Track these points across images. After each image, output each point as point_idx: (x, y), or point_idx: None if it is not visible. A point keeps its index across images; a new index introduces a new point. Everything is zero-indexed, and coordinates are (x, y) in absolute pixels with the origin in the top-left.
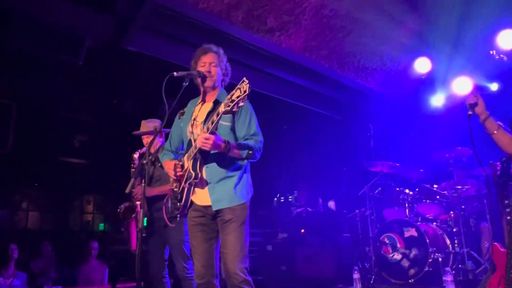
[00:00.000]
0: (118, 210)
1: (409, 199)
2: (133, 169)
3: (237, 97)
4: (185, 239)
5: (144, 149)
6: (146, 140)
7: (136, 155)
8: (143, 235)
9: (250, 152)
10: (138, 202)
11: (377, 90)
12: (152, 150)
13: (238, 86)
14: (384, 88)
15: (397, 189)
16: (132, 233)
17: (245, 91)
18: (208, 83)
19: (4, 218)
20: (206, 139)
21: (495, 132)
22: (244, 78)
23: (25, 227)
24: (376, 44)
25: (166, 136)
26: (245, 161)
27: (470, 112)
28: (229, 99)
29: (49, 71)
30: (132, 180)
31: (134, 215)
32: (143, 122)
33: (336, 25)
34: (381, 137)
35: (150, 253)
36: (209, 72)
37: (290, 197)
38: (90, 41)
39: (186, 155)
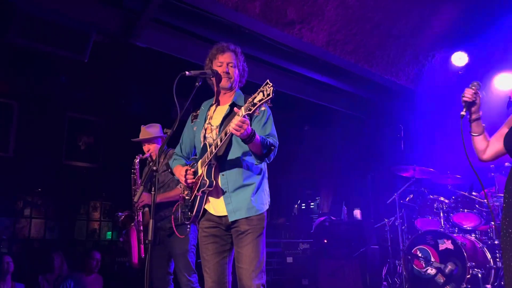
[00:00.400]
0: (117, 218)
1: (445, 208)
2: (134, 175)
3: (259, 100)
4: (190, 249)
5: (147, 154)
6: (147, 147)
7: (137, 160)
8: (146, 242)
9: (272, 147)
10: (139, 211)
11: (408, 87)
12: (154, 156)
13: (261, 88)
14: (416, 84)
15: (431, 196)
16: (133, 245)
17: (268, 95)
18: (225, 84)
19: (5, 227)
20: (243, 122)
21: (479, 135)
22: (268, 81)
23: (28, 235)
24: (408, 36)
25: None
26: (262, 161)
27: (463, 112)
28: (250, 102)
29: (52, 68)
30: (141, 188)
31: (133, 224)
32: (142, 127)
33: (363, 16)
34: (413, 139)
35: (153, 267)
36: (227, 73)
37: (311, 204)
38: (96, 37)
39: (200, 160)
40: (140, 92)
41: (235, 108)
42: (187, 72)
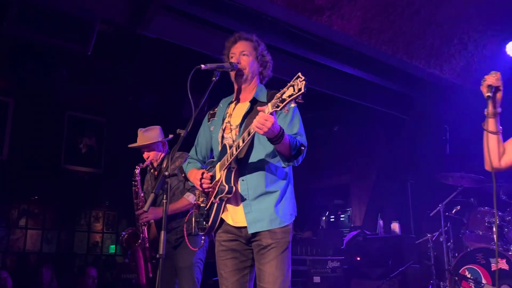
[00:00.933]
0: (121, 237)
1: (498, 222)
2: (136, 188)
3: (289, 96)
4: (196, 263)
5: (147, 162)
6: (146, 154)
7: (137, 171)
8: (153, 261)
9: (302, 148)
10: (144, 227)
11: (455, 82)
12: (155, 163)
13: (291, 82)
14: (464, 79)
15: (481, 208)
16: (140, 264)
17: (299, 90)
18: (241, 77)
19: None
20: (266, 120)
21: (495, 133)
22: (299, 74)
23: (23, 248)
24: (453, 23)
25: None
26: (290, 163)
27: (489, 94)
28: (278, 98)
29: (52, 62)
30: (152, 195)
31: (139, 243)
32: (139, 132)
33: (401, 0)
34: (460, 142)
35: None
36: (239, 63)
37: (342, 216)
38: (101, 26)
39: (219, 164)
40: (149, 88)
41: (259, 107)
42: (202, 66)
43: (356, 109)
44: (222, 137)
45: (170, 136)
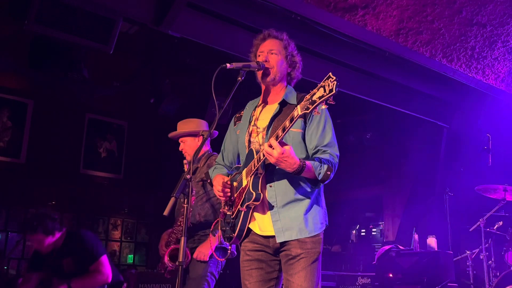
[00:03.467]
0: (162, 271)
1: None
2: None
3: (320, 97)
4: (206, 276)
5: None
6: (181, 146)
7: (186, 167)
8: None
9: (328, 173)
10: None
11: (498, 88)
12: (187, 157)
13: (321, 83)
14: (508, 84)
15: None
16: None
17: (331, 91)
18: (268, 76)
19: (13, 244)
20: (270, 146)
21: None
22: (330, 74)
23: None
24: (499, 24)
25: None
26: (316, 187)
27: None
28: (308, 100)
29: (72, 62)
30: (172, 199)
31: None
32: (179, 123)
33: None
34: (504, 152)
35: None
36: (267, 61)
37: (374, 230)
38: (123, 25)
39: (246, 169)
40: (172, 90)
41: (288, 110)
42: (228, 65)
43: (391, 116)
44: (249, 141)
45: (206, 134)
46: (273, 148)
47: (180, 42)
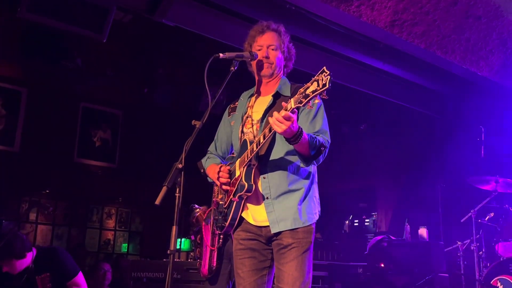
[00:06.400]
0: (191, 211)
1: None
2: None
3: (313, 91)
4: None
5: None
6: None
7: None
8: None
9: (322, 148)
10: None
11: (492, 80)
12: None
13: (315, 77)
14: (502, 77)
15: None
16: (206, 251)
17: (324, 85)
18: (266, 71)
19: (7, 231)
20: (287, 119)
21: None
22: (324, 68)
23: (33, 243)
24: (494, 16)
25: None
26: (308, 164)
27: None
28: (301, 93)
29: (66, 50)
30: (164, 188)
31: (207, 224)
32: None
33: None
34: (496, 144)
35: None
36: (267, 57)
37: (366, 220)
38: (117, 13)
39: (239, 160)
40: (166, 79)
41: (282, 103)
42: (221, 54)
43: (385, 107)
44: (242, 132)
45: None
46: (285, 118)
47: (174, 31)
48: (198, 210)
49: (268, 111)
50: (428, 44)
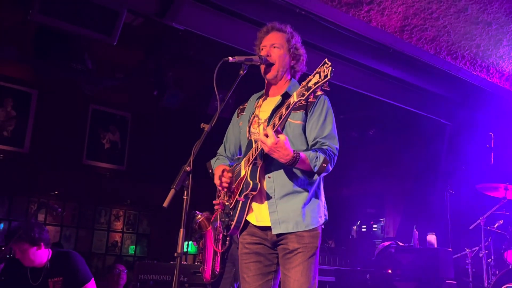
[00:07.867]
0: (193, 217)
1: None
2: None
3: (315, 83)
4: None
5: None
6: None
7: None
8: (224, 257)
9: (324, 165)
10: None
11: (502, 86)
12: None
13: (317, 69)
14: None
15: None
16: (208, 255)
17: (326, 76)
18: (269, 74)
19: None
20: (266, 135)
21: None
22: (326, 60)
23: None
24: (504, 22)
25: None
26: (312, 179)
27: None
28: (304, 86)
29: (76, 52)
30: (172, 191)
31: (209, 228)
32: None
33: None
34: (506, 151)
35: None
36: (269, 56)
37: (374, 226)
38: (127, 16)
39: (244, 159)
40: (175, 82)
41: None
42: (230, 58)
43: (394, 112)
44: (249, 132)
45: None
46: (268, 137)
47: (183, 34)
48: (200, 216)
49: (276, 111)
50: (438, 50)
